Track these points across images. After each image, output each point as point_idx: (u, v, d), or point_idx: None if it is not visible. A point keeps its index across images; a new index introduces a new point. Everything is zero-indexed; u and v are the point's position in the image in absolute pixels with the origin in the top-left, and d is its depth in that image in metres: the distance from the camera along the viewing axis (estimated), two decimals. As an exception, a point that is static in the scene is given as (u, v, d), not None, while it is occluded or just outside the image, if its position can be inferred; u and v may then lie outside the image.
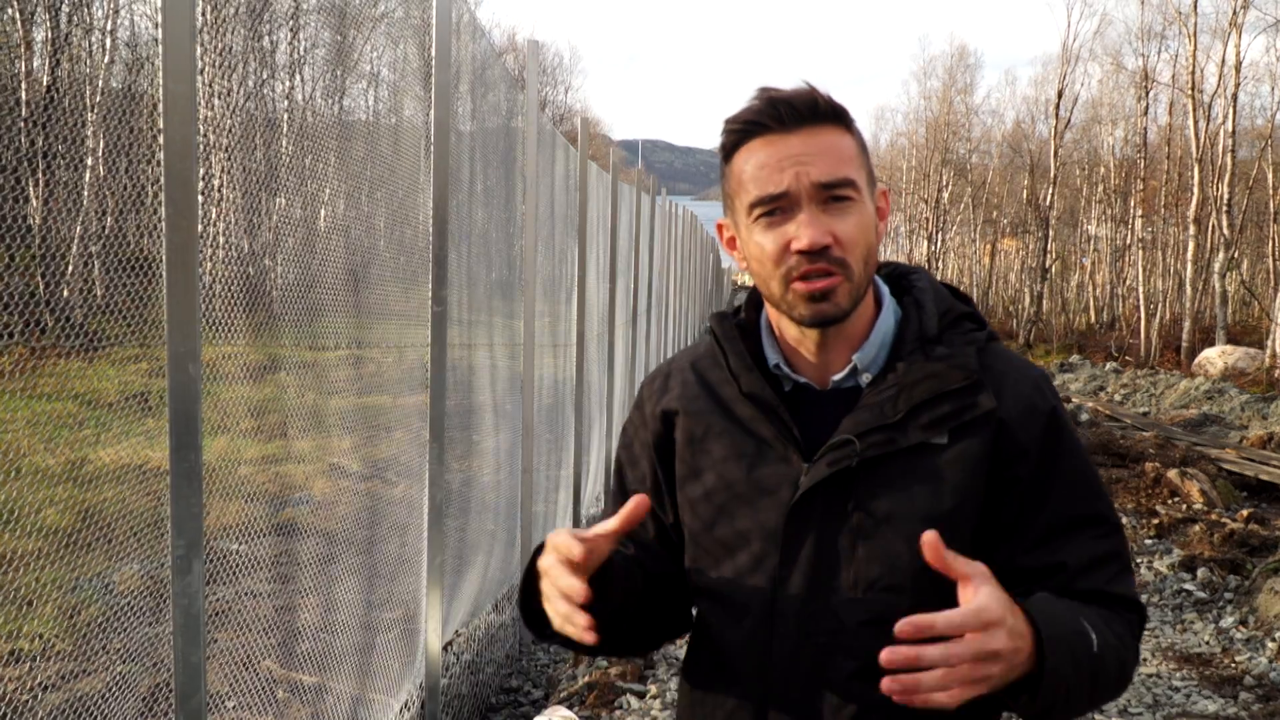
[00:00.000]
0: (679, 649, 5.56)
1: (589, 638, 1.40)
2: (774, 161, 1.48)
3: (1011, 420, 1.51)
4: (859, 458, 1.49)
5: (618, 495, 1.76)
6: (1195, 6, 29.56)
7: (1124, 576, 1.54)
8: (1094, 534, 1.52)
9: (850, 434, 1.50)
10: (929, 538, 1.29)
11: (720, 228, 1.63)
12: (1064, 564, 1.50)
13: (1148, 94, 33.95)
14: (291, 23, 3.37)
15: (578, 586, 1.40)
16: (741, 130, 1.52)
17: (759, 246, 1.51)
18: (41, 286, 2.81)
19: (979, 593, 1.29)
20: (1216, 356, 24.10)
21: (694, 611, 1.73)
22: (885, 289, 1.64)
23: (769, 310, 1.63)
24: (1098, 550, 1.52)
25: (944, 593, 1.46)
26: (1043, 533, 1.52)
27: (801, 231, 1.46)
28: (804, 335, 1.57)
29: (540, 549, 1.51)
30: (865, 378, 1.57)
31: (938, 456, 1.50)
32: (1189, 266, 29.78)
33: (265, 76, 3.32)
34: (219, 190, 3.04)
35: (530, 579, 1.55)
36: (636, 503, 1.43)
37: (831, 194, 1.47)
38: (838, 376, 1.58)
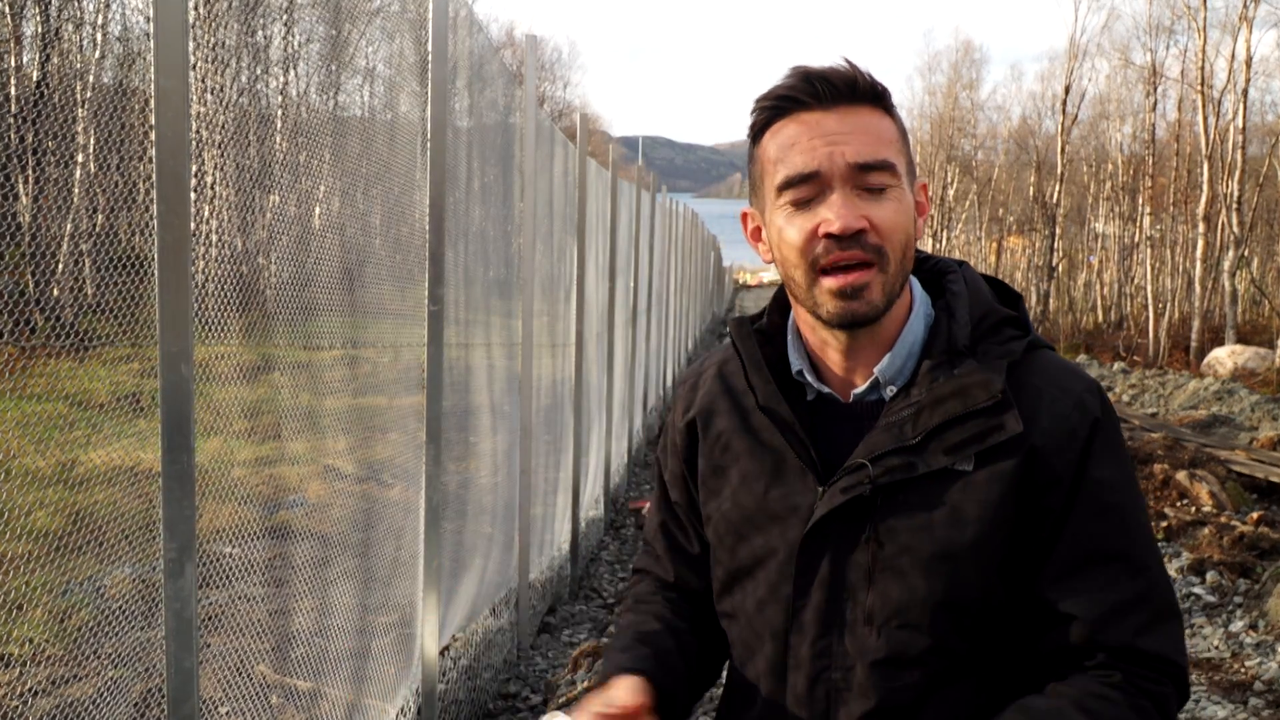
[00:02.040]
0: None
1: None
2: (806, 140, 1.37)
3: (1045, 445, 1.37)
4: (873, 484, 1.39)
5: (660, 492, 1.71)
6: (1205, 1, 29.46)
7: (1156, 628, 1.36)
8: (1114, 574, 1.36)
9: (865, 457, 1.40)
10: None
11: (745, 218, 1.53)
12: (1074, 602, 1.36)
13: (1156, 89, 33.82)
14: (285, 17, 3.34)
15: None
16: (773, 107, 1.41)
17: (785, 232, 1.40)
18: (31, 285, 2.80)
19: None
20: (1226, 356, 23.98)
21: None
22: (919, 291, 1.50)
23: (795, 311, 1.52)
24: (1118, 595, 1.35)
25: (964, 632, 1.39)
26: (1061, 567, 1.38)
27: (833, 214, 1.35)
28: (831, 338, 1.46)
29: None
30: (890, 390, 1.44)
31: (962, 484, 1.37)
32: (1198, 265, 29.58)
33: (259, 72, 3.30)
34: (212, 187, 3.02)
35: None
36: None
37: (868, 177, 1.36)
38: (859, 389, 1.47)
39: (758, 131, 1.44)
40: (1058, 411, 1.38)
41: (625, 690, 1.44)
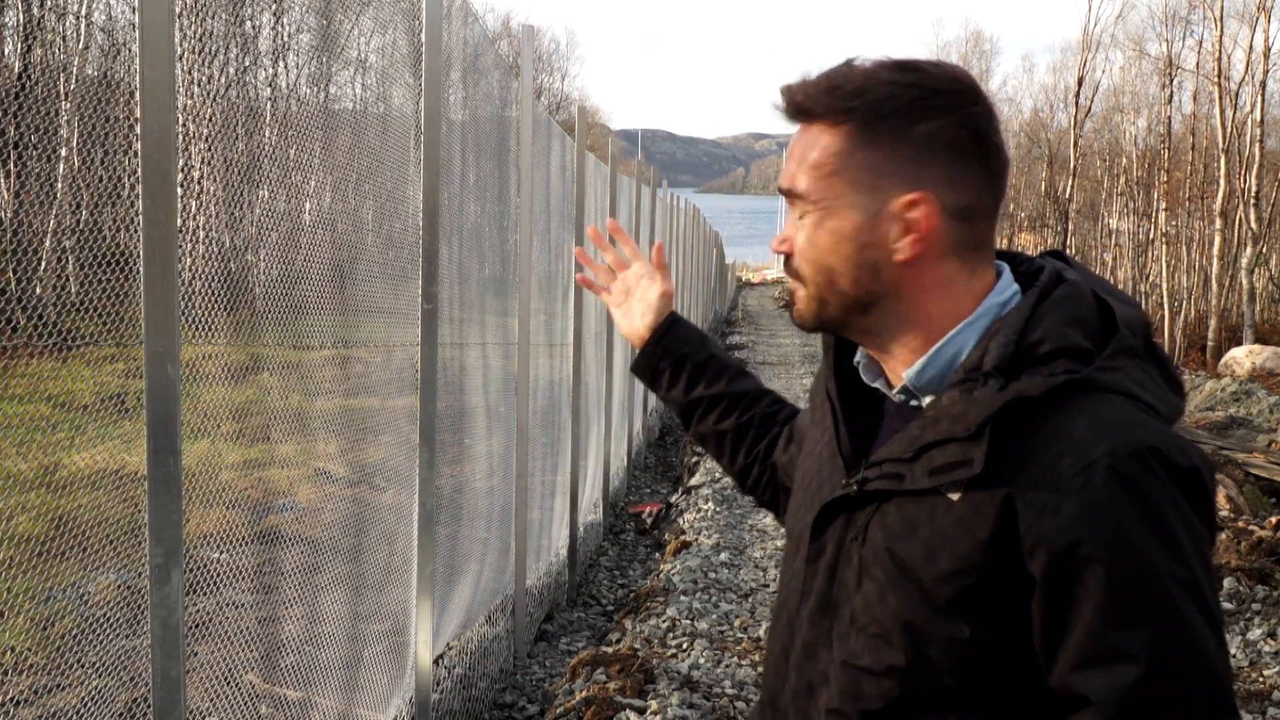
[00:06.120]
0: (680, 663, 5.48)
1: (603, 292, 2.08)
2: None
3: (1026, 499, 1.25)
4: (859, 487, 1.40)
5: (803, 412, 1.86)
6: (1222, -10, 29.38)
7: None
8: (1144, 672, 1.21)
9: (872, 459, 1.41)
10: None
11: None
12: (1087, 697, 1.24)
13: (1172, 81, 33.59)
14: (275, 6, 3.29)
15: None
16: None
17: None
18: (13, 283, 2.80)
19: None
20: (1244, 356, 23.79)
21: None
22: (1000, 298, 1.41)
23: None
24: (1147, 694, 1.21)
25: (934, 656, 1.33)
26: (1067, 654, 1.26)
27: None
28: None
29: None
30: (927, 399, 1.40)
31: (944, 511, 1.31)
32: (1215, 262, 29.48)
33: (247, 63, 3.25)
34: (199, 182, 2.99)
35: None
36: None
37: (791, 202, 1.42)
38: (896, 392, 1.45)
39: None
40: (1056, 469, 1.24)
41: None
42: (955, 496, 1.29)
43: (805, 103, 1.37)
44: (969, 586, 1.29)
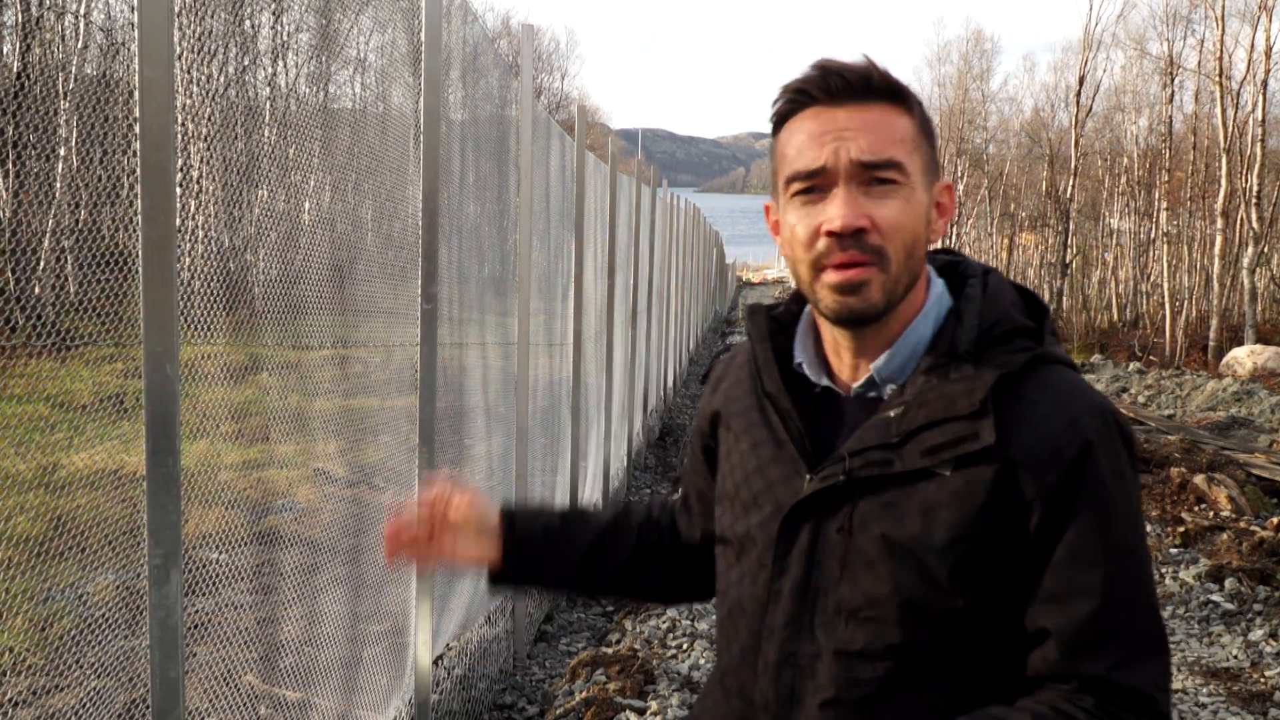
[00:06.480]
0: (680, 664, 5.47)
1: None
2: (816, 135, 1.42)
3: (1025, 462, 1.37)
4: (847, 475, 1.43)
5: (689, 462, 1.83)
6: (1223, -11, 29.32)
7: (1135, 662, 1.35)
8: (1093, 608, 1.35)
9: (849, 450, 1.45)
10: None
11: (767, 210, 1.58)
12: (1047, 631, 1.37)
13: (1173, 81, 33.54)
14: (274, 5, 3.27)
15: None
16: (789, 100, 1.46)
17: (792, 227, 1.45)
18: (12, 283, 2.79)
19: None
20: (1245, 356, 23.77)
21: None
22: (937, 293, 1.52)
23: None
24: (1095, 628, 1.35)
25: (932, 634, 1.40)
26: (1038, 593, 1.38)
27: (835, 212, 1.39)
28: (840, 335, 1.50)
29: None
30: (889, 389, 1.48)
31: (938, 487, 1.39)
32: (1216, 262, 29.41)
33: (247, 62, 3.24)
34: (198, 182, 2.98)
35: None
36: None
37: (874, 175, 1.40)
38: (857, 385, 1.51)
39: (777, 123, 1.49)
40: (1046, 429, 1.38)
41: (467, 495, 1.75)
42: (948, 472, 1.38)
43: (890, 84, 1.43)
44: (966, 553, 1.37)
